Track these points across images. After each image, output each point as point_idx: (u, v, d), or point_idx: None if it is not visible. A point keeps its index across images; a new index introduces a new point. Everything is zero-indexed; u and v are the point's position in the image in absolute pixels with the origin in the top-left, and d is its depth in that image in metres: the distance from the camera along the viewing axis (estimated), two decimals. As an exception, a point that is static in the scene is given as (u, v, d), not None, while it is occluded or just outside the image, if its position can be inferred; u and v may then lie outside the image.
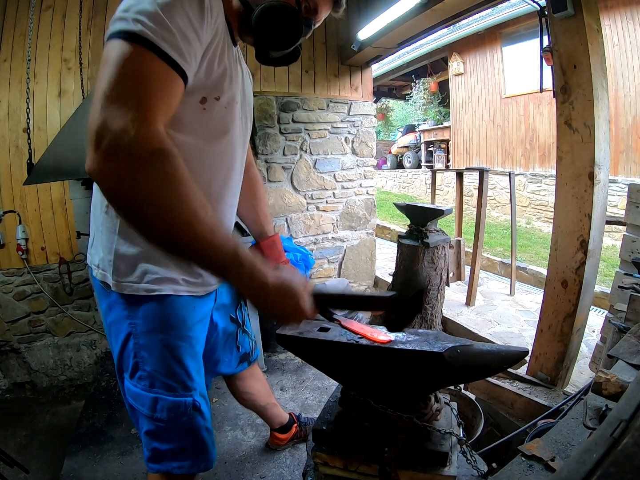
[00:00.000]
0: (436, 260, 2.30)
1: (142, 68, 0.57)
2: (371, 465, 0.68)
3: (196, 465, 0.95)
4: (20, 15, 2.20)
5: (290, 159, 2.88)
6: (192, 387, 0.91)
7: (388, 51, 2.76)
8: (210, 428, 0.97)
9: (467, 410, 1.44)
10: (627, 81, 4.70)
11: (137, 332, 0.86)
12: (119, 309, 0.86)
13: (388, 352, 0.66)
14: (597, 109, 1.35)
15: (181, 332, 0.89)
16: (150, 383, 0.88)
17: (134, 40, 0.57)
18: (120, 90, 0.54)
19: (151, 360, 0.87)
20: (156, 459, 0.94)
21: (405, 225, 3.60)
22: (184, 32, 0.61)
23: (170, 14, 0.59)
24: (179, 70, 0.61)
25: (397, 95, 11.84)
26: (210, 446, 0.97)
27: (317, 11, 0.82)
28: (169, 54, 0.59)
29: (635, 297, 1.23)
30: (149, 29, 0.57)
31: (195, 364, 0.93)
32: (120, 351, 0.89)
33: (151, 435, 0.92)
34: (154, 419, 0.89)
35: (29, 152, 1.86)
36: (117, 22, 0.59)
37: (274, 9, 0.75)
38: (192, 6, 0.62)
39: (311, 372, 2.21)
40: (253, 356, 1.31)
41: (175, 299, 0.87)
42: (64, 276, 2.43)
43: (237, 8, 0.80)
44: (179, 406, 0.89)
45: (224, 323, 1.13)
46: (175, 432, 0.91)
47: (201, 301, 0.95)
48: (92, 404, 1.94)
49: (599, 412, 0.72)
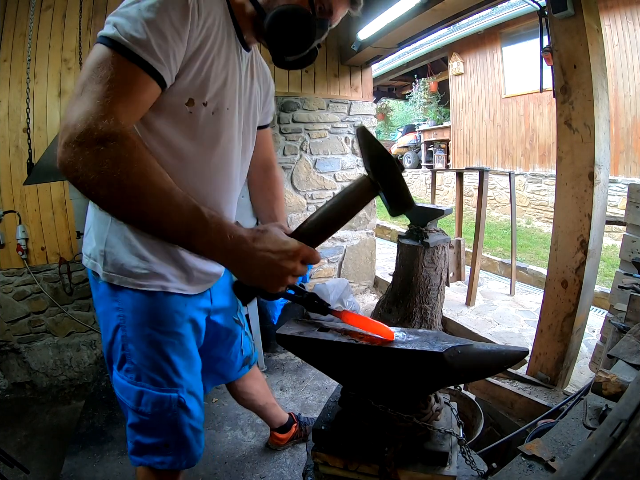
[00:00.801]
0: (436, 260, 2.30)
1: (108, 69, 0.59)
2: (371, 465, 0.68)
3: (178, 461, 0.95)
4: (20, 15, 2.20)
5: (290, 159, 2.88)
6: (179, 383, 0.91)
7: (388, 51, 2.76)
8: (196, 426, 0.97)
9: (467, 410, 1.44)
10: (627, 81, 4.70)
11: (126, 325, 0.87)
12: (109, 300, 0.87)
13: (388, 352, 0.66)
14: (597, 109, 1.35)
15: (169, 328, 0.89)
16: (136, 376, 0.88)
17: (107, 44, 0.61)
18: (84, 89, 0.58)
19: (138, 353, 0.87)
20: (139, 452, 0.94)
21: (405, 225, 3.60)
22: (162, 32, 0.63)
23: (151, 17, 0.62)
24: (150, 70, 0.63)
25: (397, 95, 11.84)
26: (193, 444, 0.97)
27: (332, 12, 0.80)
28: (140, 55, 0.61)
29: (635, 297, 1.23)
30: (122, 32, 0.61)
31: (184, 361, 0.93)
32: (109, 342, 0.90)
33: (135, 428, 0.93)
34: (138, 412, 0.90)
35: (29, 152, 1.86)
36: (105, 25, 0.63)
37: (286, 13, 0.74)
38: (174, 7, 0.64)
39: (311, 372, 2.21)
40: (253, 359, 1.31)
41: (165, 295, 0.87)
42: (64, 276, 2.43)
43: (250, 12, 0.79)
44: (163, 401, 0.89)
45: (226, 324, 1.13)
46: (159, 426, 0.92)
47: (193, 300, 0.94)
48: (92, 404, 1.94)
49: (599, 412, 0.72)
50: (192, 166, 0.80)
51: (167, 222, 0.58)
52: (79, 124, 0.56)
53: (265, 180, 1.12)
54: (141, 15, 0.62)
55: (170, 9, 0.64)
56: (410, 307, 2.33)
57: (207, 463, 1.56)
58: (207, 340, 1.07)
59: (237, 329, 1.18)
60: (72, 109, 0.58)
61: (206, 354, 1.07)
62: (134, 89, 0.62)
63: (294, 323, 0.79)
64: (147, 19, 0.62)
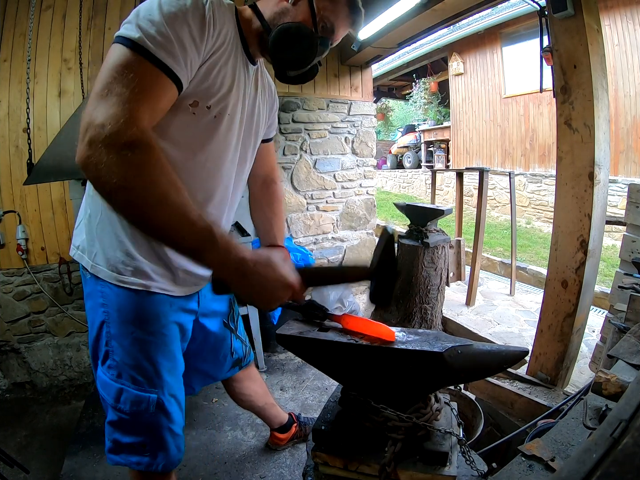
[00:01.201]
0: (436, 260, 2.30)
1: (132, 71, 0.61)
2: (371, 465, 0.68)
3: (155, 463, 0.94)
4: (20, 15, 2.20)
5: (290, 159, 2.88)
6: (159, 384, 0.91)
7: (388, 51, 2.76)
8: (176, 430, 0.96)
9: (467, 410, 1.44)
10: (627, 81, 4.70)
11: (110, 321, 0.87)
12: (96, 296, 0.88)
13: (388, 352, 0.66)
14: (597, 109, 1.35)
15: (153, 328, 0.89)
16: (117, 373, 0.89)
17: (130, 46, 0.62)
18: (109, 90, 0.59)
19: (120, 351, 0.88)
20: (116, 451, 0.94)
21: (405, 225, 3.59)
22: (182, 41, 0.66)
23: (172, 24, 0.65)
24: (172, 76, 0.65)
25: (397, 95, 11.83)
26: (172, 447, 0.96)
27: (334, 31, 0.83)
28: (163, 60, 0.64)
29: (635, 297, 1.23)
30: (148, 36, 0.63)
31: (167, 363, 0.92)
32: (94, 338, 0.90)
33: (113, 426, 0.93)
34: (117, 410, 0.90)
35: (29, 152, 1.85)
36: (125, 24, 0.65)
37: (289, 30, 0.77)
38: (194, 18, 0.67)
39: (311, 372, 2.21)
40: (245, 361, 1.30)
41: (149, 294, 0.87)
42: (64, 276, 2.43)
43: (256, 28, 0.82)
44: (141, 401, 0.89)
45: (215, 328, 1.13)
46: (137, 426, 0.91)
47: (180, 301, 0.94)
48: (92, 404, 1.94)
49: (599, 412, 0.71)
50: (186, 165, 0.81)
51: (178, 236, 0.60)
52: (108, 126, 0.56)
53: (265, 195, 1.12)
54: (165, 21, 0.64)
55: (191, 20, 0.67)
56: (410, 307, 2.33)
57: (207, 463, 1.56)
58: (196, 344, 1.07)
59: (227, 333, 1.18)
60: (97, 109, 0.58)
61: (194, 357, 1.07)
62: (160, 94, 0.65)
63: (294, 323, 0.79)
64: (171, 26, 0.64)
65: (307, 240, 3.03)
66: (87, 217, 0.87)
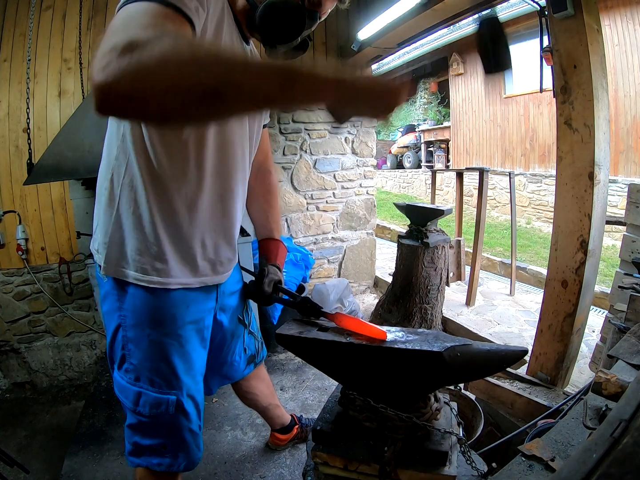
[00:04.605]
0: (436, 260, 2.30)
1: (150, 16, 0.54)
2: (371, 465, 0.68)
3: (176, 464, 0.94)
4: (20, 15, 2.20)
5: (290, 159, 2.88)
6: (178, 386, 0.91)
7: (388, 51, 2.75)
8: (195, 430, 0.96)
9: (467, 410, 1.43)
10: (627, 81, 4.69)
11: (126, 325, 0.87)
12: (112, 300, 0.87)
13: (388, 352, 0.66)
14: (597, 109, 1.35)
15: (170, 330, 0.89)
16: (135, 376, 0.88)
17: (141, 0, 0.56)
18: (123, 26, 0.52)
19: (137, 354, 0.87)
20: (137, 453, 0.94)
21: (405, 225, 3.59)
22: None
23: None
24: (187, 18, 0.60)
25: (397, 95, 11.81)
26: (192, 447, 0.96)
27: (321, 4, 0.82)
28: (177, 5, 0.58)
29: (635, 297, 1.23)
30: None
31: (184, 364, 0.92)
32: (110, 342, 0.90)
33: (133, 429, 0.93)
34: (136, 413, 0.89)
35: (29, 152, 1.85)
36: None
37: (275, 4, 0.76)
38: None
39: (311, 372, 2.20)
40: (259, 357, 1.30)
41: (167, 293, 0.87)
42: (64, 276, 2.43)
43: (243, 6, 0.81)
44: (161, 403, 0.89)
45: (231, 324, 1.12)
46: (156, 428, 0.91)
47: (196, 298, 0.93)
48: (92, 404, 1.94)
49: (599, 412, 0.71)
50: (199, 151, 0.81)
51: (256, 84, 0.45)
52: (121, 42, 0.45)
53: (261, 186, 1.11)
54: None
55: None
56: (410, 307, 2.33)
57: (207, 463, 1.55)
58: (215, 343, 1.06)
59: (240, 329, 1.17)
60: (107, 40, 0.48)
61: (212, 357, 1.06)
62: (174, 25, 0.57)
63: (294, 323, 0.79)
64: None
65: (307, 240, 3.03)
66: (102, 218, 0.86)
